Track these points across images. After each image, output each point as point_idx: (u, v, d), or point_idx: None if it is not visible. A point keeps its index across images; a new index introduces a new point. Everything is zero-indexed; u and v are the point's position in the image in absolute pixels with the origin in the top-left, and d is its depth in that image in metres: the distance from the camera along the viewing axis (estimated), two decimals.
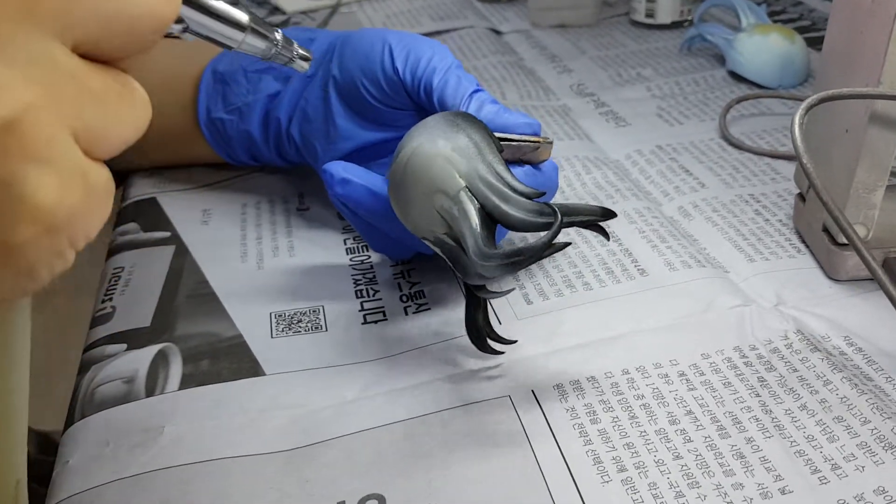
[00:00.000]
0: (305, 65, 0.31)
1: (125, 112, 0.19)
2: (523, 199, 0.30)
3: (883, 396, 0.32)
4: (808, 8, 0.77)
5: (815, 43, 0.67)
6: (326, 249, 0.44)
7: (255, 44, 0.29)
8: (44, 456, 0.41)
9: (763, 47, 0.60)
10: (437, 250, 0.31)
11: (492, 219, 0.30)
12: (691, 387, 0.33)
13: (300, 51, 0.31)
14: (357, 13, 0.83)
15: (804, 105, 0.35)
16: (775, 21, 0.72)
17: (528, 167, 0.35)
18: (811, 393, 0.32)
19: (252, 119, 0.45)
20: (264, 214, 0.48)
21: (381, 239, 0.39)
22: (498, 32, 0.76)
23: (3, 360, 0.24)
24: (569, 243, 0.30)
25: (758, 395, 0.32)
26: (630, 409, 0.32)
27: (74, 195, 0.18)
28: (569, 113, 0.59)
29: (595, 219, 0.30)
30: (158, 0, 0.19)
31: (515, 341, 0.34)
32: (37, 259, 0.18)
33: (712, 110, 0.58)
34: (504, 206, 0.30)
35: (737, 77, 0.62)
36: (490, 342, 0.34)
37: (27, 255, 0.17)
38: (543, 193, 0.30)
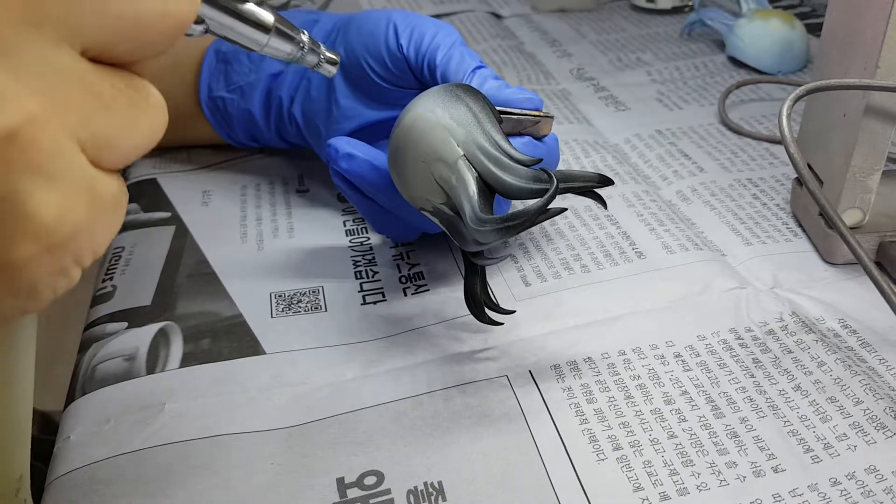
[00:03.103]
0: (333, 69, 0.30)
1: (138, 119, 0.18)
2: (520, 167, 0.30)
3: (876, 377, 0.32)
4: None
5: (815, 29, 0.67)
6: (326, 231, 0.44)
7: (280, 46, 0.27)
8: (45, 435, 0.41)
9: (763, 33, 0.60)
10: (436, 220, 0.32)
11: (489, 188, 0.30)
12: (687, 367, 0.33)
13: (327, 53, 0.30)
14: None
15: (792, 96, 0.36)
16: (776, 7, 0.71)
17: (528, 138, 0.35)
18: (805, 374, 0.32)
19: (253, 98, 0.45)
20: (264, 196, 0.48)
21: (384, 219, 0.39)
22: (498, 16, 0.76)
23: (7, 371, 0.24)
24: (565, 209, 0.30)
25: (752, 376, 0.32)
26: (626, 389, 0.32)
27: (79, 210, 0.17)
28: (568, 97, 0.59)
29: (591, 185, 0.30)
30: (175, 0, 0.18)
31: (514, 311, 0.34)
32: (38, 278, 0.17)
33: (712, 95, 0.58)
34: (500, 174, 0.30)
35: (737, 62, 0.63)
36: (489, 313, 0.34)
37: (28, 275, 0.17)
38: (540, 160, 0.30)
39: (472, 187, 0.30)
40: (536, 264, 0.40)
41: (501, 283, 0.39)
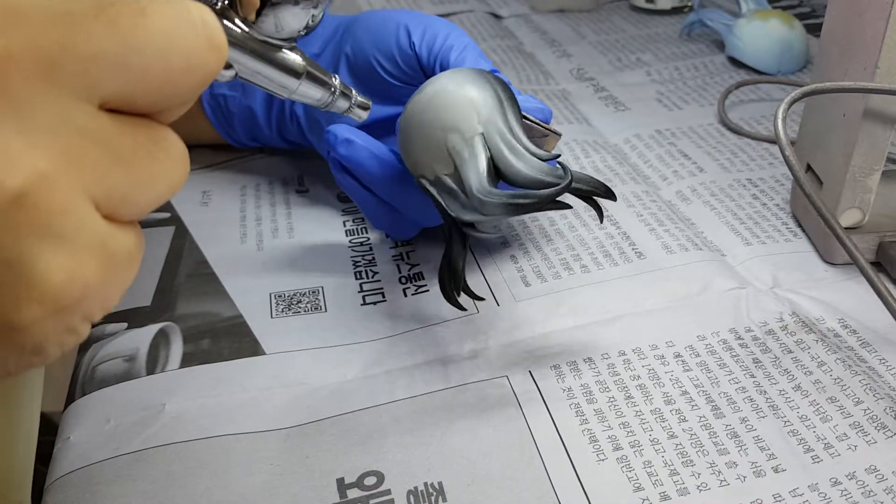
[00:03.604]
0: (364, 114, 0.30)
1: (157, 172, 0.17)
2: (533, 158, 0.30)
3: (876, 377, 0.32)
4: None
5: (815, 29, 0.67)
6: (326, 231, 0.44)
7: (310, 92, 0.27)
8: (44, 437, 0.41)
9: (762, 33, 0.60)
10: (433, 191, 0.32)
11: (498, 173, 0.31)
12: (687, 368, 0.33)
13: (359, 98, 0.29)
14: None
15: (787, 99, 0.36)
16: (775, 7, 0.71)
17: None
18: (805, 374, 0.32)
19: (255, 95, 0.45)
20: (264, 196, 0.48)
21: (381, 211, 0.39)
22: (497, 17, 0.76)
23: (12, 421, 0.24)
24: (570, 206, 0.31)
25: (752, 376, 0.32)
26: (626, 389, 0.32)
27: (90, 270, 0.16)
28: (568, 97, 0.59)
29: (596, 192, 0.31)
30: (200, 51, 0.17)
31: (484, 298, 0.34)
32: (44, 338, 0.16)
33: (711, 95, 0.58)
34: (513, 160, 0.30)
35: (736, 62, 0.63)
36: (462, 296, 0.33)
37: (33, 336, 0.16)
38: (558, 156, 0.31)
39: (483, 164, 0.30)
40: (536, 264, 0.40)
41: (501, 284, 0.39)
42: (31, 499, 0.28)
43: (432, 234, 0.42)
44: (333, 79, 0.27)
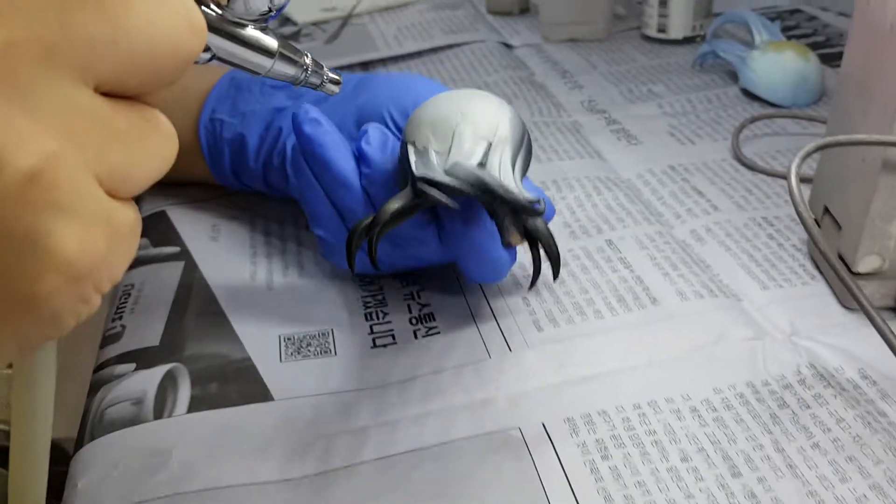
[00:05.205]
0: (335, 88, 0.31)
1: (151, 148, 0.19)
2: (520, 187, 0.32)
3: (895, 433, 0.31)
4: (823, 23, 0.76)
5: (830, 59, 0.67)
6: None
7: (284, 70, 0.28)
8: (54, 466, 0.41)
9: (777, 65, 0.60)
10: (411, 151, 0.33)
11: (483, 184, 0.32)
12: (703, 423, 0.32)
13: (330, 74, 0.30)
14: (368, 25, 0.83)
15: (801, 153, 0.35)
16: (789, 36, 0.71)
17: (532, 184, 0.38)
18: (824, 431, 0.32)
19: (252, 125, 0.45)
20: (274, 230, 0.48)
21: (334, 224, 0.38)
22: (509, 46, 0.76)
23: (30, 400, 0.24)
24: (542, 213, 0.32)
25: (770, 433, 0.32)
26: (642, 445, 0.31)
27: (99, 242, 0.17)
28: (580, 130, 0.59)
29: (549, 253, 0.34)
30: (182, 33, 0.18)
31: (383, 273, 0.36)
32: (61, 307, 0.18)
33: (724, 129, 0.57)
34: (500, 179, 0.32)
35: (750, 94, 0.62)
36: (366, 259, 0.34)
37: (51, 305, 0.17)
38: (539, 200, 0.32)
39: (476, 158, 0.32)
40: (549, 308, 0.40)
41: (514, 328, 0.38)
42: None
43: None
44: (305, 57, 0.29)
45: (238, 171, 0.47)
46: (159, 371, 0.38)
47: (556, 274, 0.33)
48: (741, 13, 0.65)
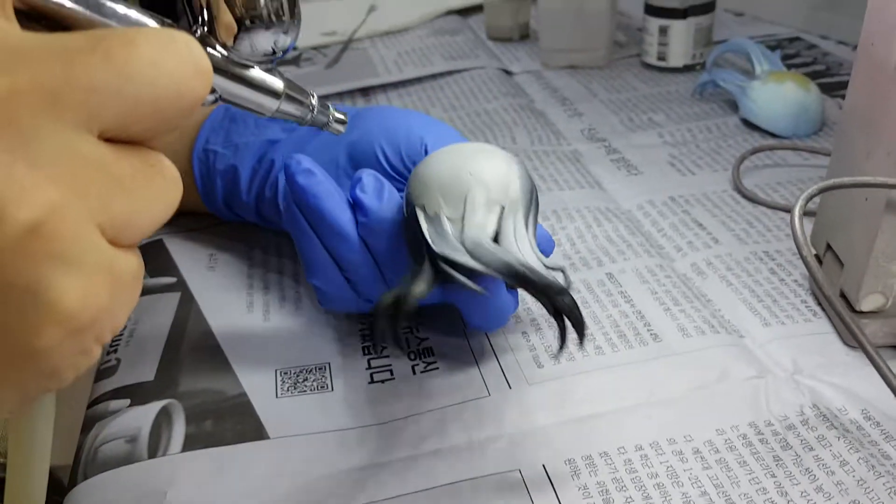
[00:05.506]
0: (341, 128, 0.31)
1: (155, 194, 0.18)
2: (538, 254, 0.30)
3: None
4: (823, 51, 0.76)
5: (830, 89, 0.67)
6: None
7: (290, 110, 0.28)
8: (49, 495, 0.40)
9: (777, 96, 0.60)
10: (422, 218, 0.31)
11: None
12: (706, 465, 0.32)
13: (336, 114, 0.30)
14: (368, 49, 0.83)
15: (804, 196, 0.35)
16: (789, 65, 0.71)
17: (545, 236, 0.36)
18: (827, 474, 0.31)
19: (245, 157, 0.44)
20: (271, 260, 0.48)
21: (327, 272, 0.36)
22: (509, 73, 0.76)
23: (26, 450, 0.24)
24: (563, 313, 0.29)
25: (773, 476, 0.31)
26: (644, 488, 0.31)
27: (101, 293, 0.17)
28: (580, 158, 0.59)
29: (574, 320, 0.29)
30: (188, 77, 0.18)
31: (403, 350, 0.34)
32: (61, 361, 0.17)
33: (725, 160, 0.57)
34: (517, 244, 0.30)
35: (750, 124, 0.62)
36: (395, 336, 0.29)
37: (51, 359, 0.17)
38: (562, 268, 0.30)
39: (492, 227, 0.30)
40: (549, 343, 0.39)
41: (514, 365, 0.38)
42: None
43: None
44: (311, 97, 0.28)
45: (230, 203, 0.47)
46: (154, 407, 0.37)
47: (581, 340, 0.30)
48: (741, 42, 0.65)
